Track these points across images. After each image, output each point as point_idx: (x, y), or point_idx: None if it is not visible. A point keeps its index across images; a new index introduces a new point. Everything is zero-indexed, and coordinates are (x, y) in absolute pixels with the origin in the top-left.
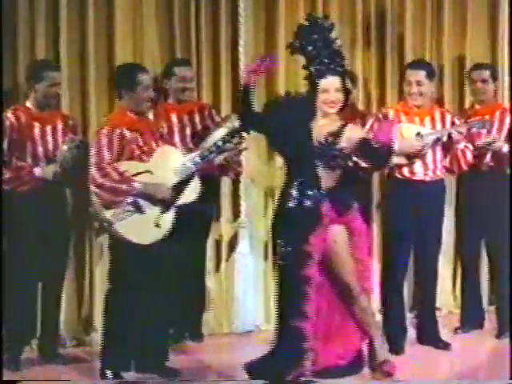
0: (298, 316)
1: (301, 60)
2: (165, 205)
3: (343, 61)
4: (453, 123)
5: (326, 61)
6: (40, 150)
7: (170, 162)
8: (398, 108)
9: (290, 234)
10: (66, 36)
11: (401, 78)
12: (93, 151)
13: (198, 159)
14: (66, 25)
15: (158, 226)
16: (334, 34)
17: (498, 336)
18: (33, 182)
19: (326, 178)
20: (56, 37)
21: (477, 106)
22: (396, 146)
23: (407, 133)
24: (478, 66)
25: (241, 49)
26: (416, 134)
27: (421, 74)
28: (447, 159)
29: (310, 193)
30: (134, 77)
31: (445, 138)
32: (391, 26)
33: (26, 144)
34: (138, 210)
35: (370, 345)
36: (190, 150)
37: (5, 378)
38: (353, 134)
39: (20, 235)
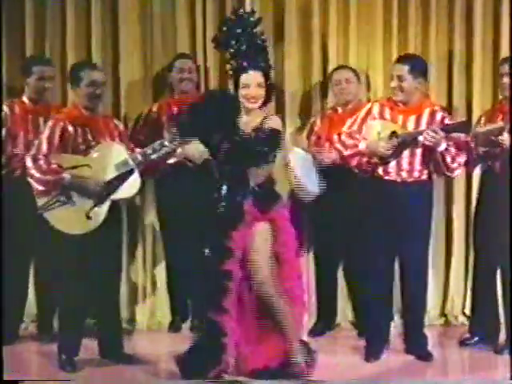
0: (217, 310)
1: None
2: (99, 198)
3: (267, 56)
4: (441, 122)
5: (249, 55)
6: (32, 140)
7: (111, 158)
8: (384, 103)
9: (214, 229)
10: (74, 33)
11: None
12: (35, 142)
13: (139, 157)
14: (73, 24)
15: (89, 218)
16: (259, 29)
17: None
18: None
19: (254, 175)
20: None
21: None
22: (364, 145)
23: (384, 131)
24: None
25: None
26: (391, 134)
27: (403, 69)
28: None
29: (236, 190)
30: (77, 73)
31: (421, 140)
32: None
33: (20, 135)
34: (69, 201)
35: (287, 348)
36: None
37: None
38: (272, 124)
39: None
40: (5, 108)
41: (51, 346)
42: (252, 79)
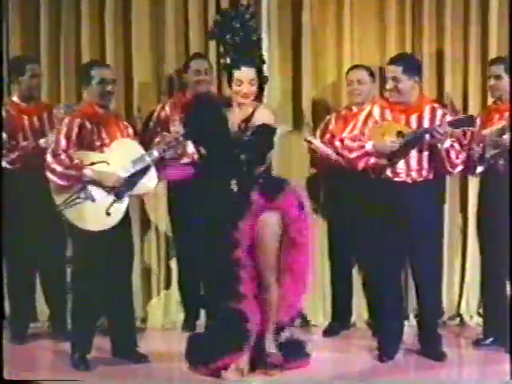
0: (234, 298)
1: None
2: (118, 194)
3: (260, 52)
4: (442, 119)
5: (242, 51)
6: (31, 140)
7: (127, 154)
8: (383, 104)
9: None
10: (89, 32)
11: None
12: (53, 138)
13: (155, 153)
14: (88, 23)
15: (108, 214)
16: (253, 24)
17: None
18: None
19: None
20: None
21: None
22: (371, 145)
23: (389, 132)
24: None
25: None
26: (397, 133)
27: (397, 70)
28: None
29: (239, 181)
30: (88, 72)
31: (427, 138)
32: None
33: (18, 136)
34: (89, 197)
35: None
36: None
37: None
38: (261, 117)
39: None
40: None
41: (65, 345)
42: (245, 76)
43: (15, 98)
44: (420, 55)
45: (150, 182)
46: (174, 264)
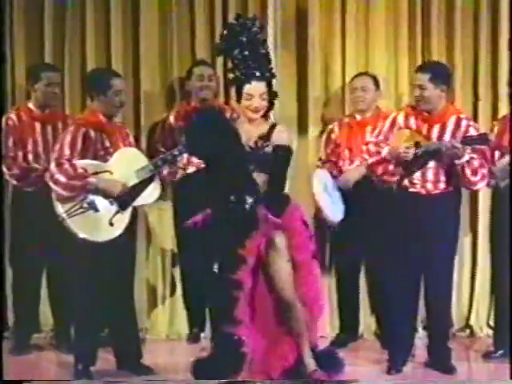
0: (230, 322)
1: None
2: (121, 204)
3: (270, 65)
4: (466, 132)
5: (252, 65)
6: (40, 149)
7: (131, 164)
8: (408, 112)
9: (226, 238)
10: (94, 39)
11: None
12: (56, 147)
13: (159, 163)
14: (93, 29)
15: (112, 224)
16: (262, 37)
17: None
18: (41, 184)
19: (262, 182)
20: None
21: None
22: (386, 151)
23: (409, 141)
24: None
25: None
26: (415, 143)
27: (423, 78)
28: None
29: (246, 197)
30: (107, 81)
31: (443, 149)
32: None
33: (28, 143)
34: (93, 207)
35: (299, 355)
36: None
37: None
38: (280, 137)
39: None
40: (12, 115)
41: (69, 356)
42: (255, 90)
43: (31, 105)
44: None
45: (154, 193)
46: (177, 273)
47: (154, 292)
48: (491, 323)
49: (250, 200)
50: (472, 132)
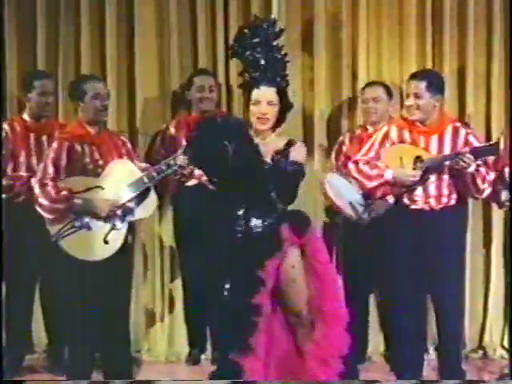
0: (239, 349)
1: None
2: (115, 221)
3: (284, 71)
4: (466, 141)
5: (264, 69)
6: (34, 160)
7: (123, 177)
8: (401, 125)
9: (243, 259)
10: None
11: None
12: (40, 166)
13: (154, 174)
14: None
15: (106, 242)
16: (279, 41)
17: None
18: (26, 194)
19: (282, 198)
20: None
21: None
22: (390, 175)
23: (407, 156)
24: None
25: None
26: (415, 159)
27: (419, 86)
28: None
29: (267, 215)
30: (81, 86)
31: (448, 163)
32: None
33: (21, 154)
34: (85, 226)
35: None
36: None
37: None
38: (299, 154)
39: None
40: (5, 127)
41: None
42: (263, 95)
43: (25, 115)
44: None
45: (150, 206)
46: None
47: (151, 312)
48: (505, 344)
49: (269, 220)
50: (471, 140)
